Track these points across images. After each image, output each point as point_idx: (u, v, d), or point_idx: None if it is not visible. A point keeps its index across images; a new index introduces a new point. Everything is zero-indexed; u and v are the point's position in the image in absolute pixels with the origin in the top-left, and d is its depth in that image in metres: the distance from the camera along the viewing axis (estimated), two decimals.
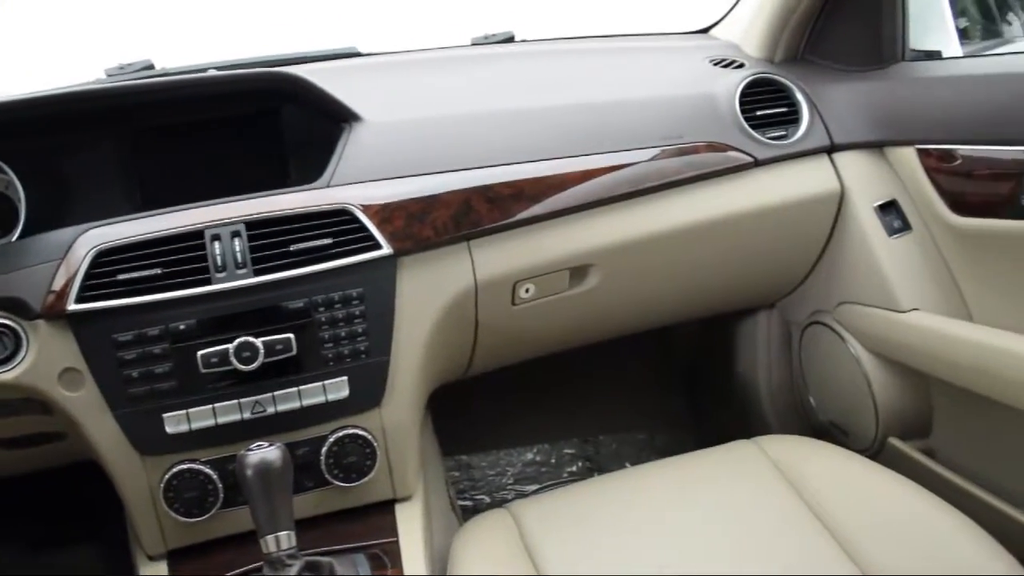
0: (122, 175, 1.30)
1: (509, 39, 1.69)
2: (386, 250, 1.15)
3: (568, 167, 1.30)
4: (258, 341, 1.09)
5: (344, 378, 1.15)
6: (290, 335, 1.11)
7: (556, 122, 1.37)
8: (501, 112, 1.37)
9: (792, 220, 1.47)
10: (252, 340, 1.09)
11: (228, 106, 1.32)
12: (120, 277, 1.07)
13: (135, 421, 1.09)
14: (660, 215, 1.36)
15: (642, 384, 2.15)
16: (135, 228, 1.11)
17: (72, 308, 1.06)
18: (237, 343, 1.09)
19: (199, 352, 1.08)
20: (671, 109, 1.43)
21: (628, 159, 1.34)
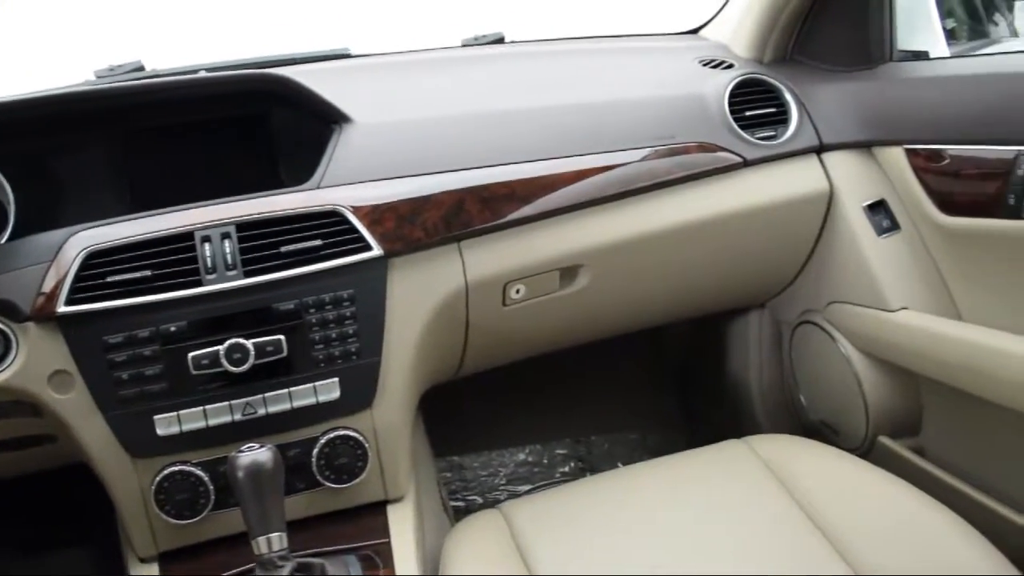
0: (112, 177, 1.29)
1: (499, 40, 1.69)
2: (376, 251, 1.15)
3: (558, 168, 1.30)
4: (249, 343, 1.09)
5: (335, 379, 1.15)
6: (281, 336, 1.11)
7: (546, 123, 1.37)
8: (491, 113, 1.37)
9: (782, 220, 1.47)
10: (243, 342, 1.09)
11: (218, 107, 1.32)
12: (110, 279, 1.07)
13: (126, 423, 1.09)
14: (650, 215, 1.36)
15: (634, 384, 2.15)
16: (125, 230, 1.11)
17: (62, 310, 1.06)
18: (228, 345, 1.08)
19: (190, 354, 1.08)
20: (661, 110, 1.43)
21: (618, 159, 1.34)
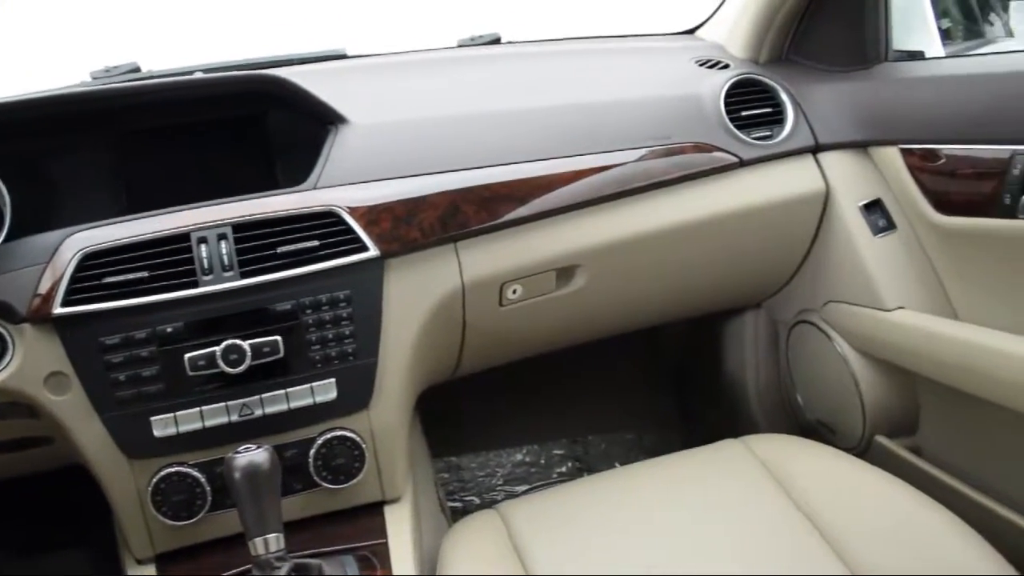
0: (108, 178, 1.29)
1: (495, 41, 1.69)
2: (373, 252, 1.15)
3: (555, 168, 1.30)
4: (245, 344, 1.09)
5: (332, 380, 1.15)
6: (277, 337, 1.11)
7: (543, 123, 1.37)
8: (487, 114, 1.37)
9: (778, 220, 1.47)
10: (239, 343, 1.09)
11: (214, 109, 1.32)
12: (106, 280, 1.07)
13: (122, 424, 1.09)
14: (646, 215, 1.36)
15: (631, 384, 2.15)
16: (121, 231, 1.11)
17: (58, 311, 1.06)
18: (224, 346, 1.08)
19: (186, 355, 1.08)
20: (657, 110, 1.43)
21: (615, 160, 1.34)
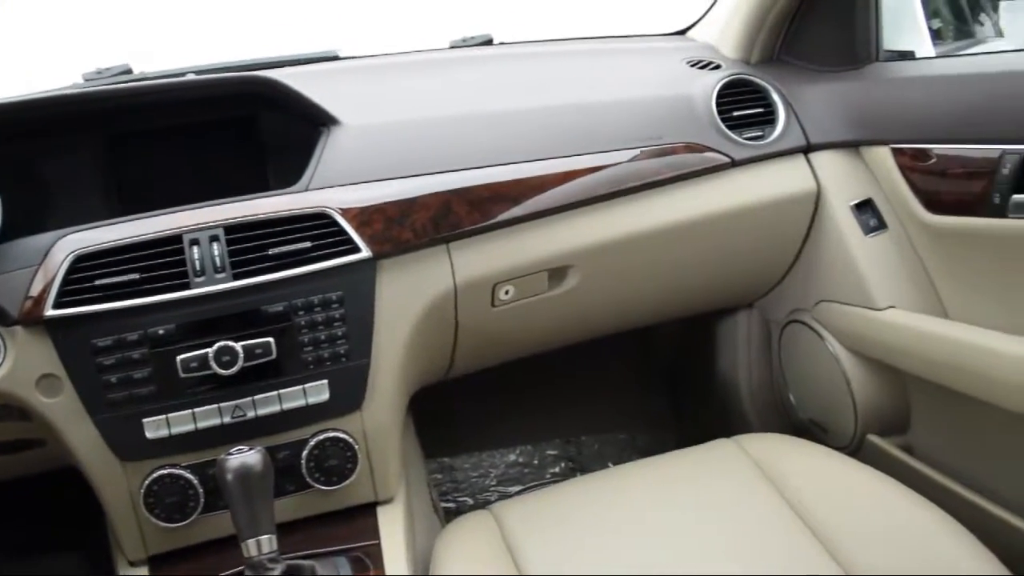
0: (100, 180, 1.29)
1: (487, 42, 1.69)
2: (365, 253, 1.15)
3: (547, 169, 1.30)
4: (238, 345, 1.09)
5: (324, 381, 1.14)
6: (270, 339, 1.11)
7: (535, 124, 1.37)
8: (480, 114, 1.37)
9: (769, 220, 1.48)
10: (232, 344, 1.09)
11: (206, 110, 1.32)
12: (98, 282, 1.07)
13: (114, 427, 1.09)
14: (638, 216, 1.36)
15: (624, 384, 2.15)
16: (113, 233, 1.10)
17: (50, 314, 1.05)
18: (216, 347, 1.08)
19: (178, 357, 1.08)
20: (649, 110, 1.43)
21: (607, 160, 1.34)
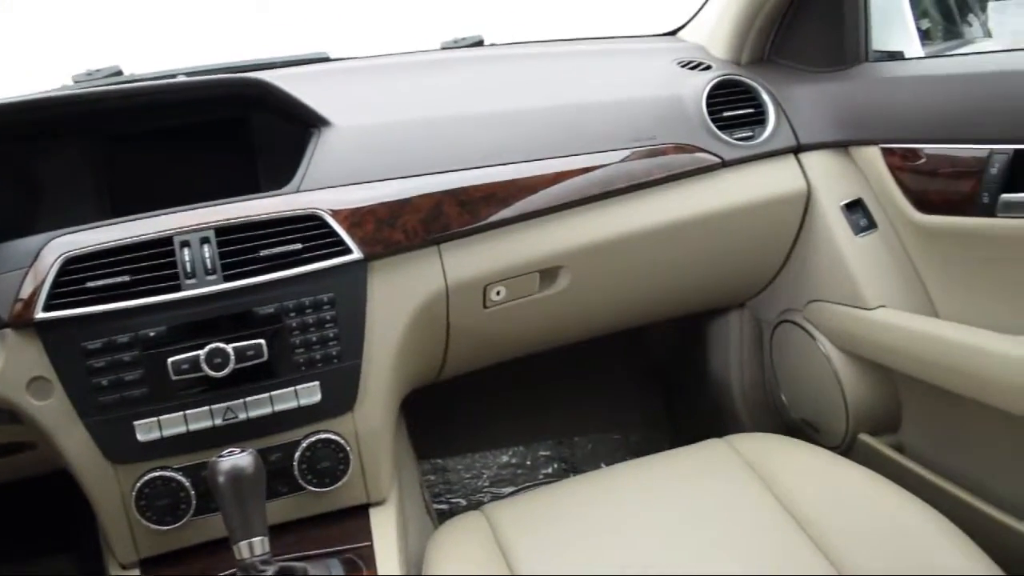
0: (90, 182, 1.29)
1: (478, 43, 1.69)
2: (356, 255, 1.15)
3: (538, 170, 1.30)
4: (229, 347, 1.09)
5: (316, 383, 1.14)
6: (261, 341, 1.11)
7: (525, 125, 1.37)
8: (471, 116, 1.37)
9: (760, 220, 1.48)
10: (223, 346, 1.09)
11: (197, 112, 1.32)
12: (89, 285, 1.07)
13: (106, 429, 1.08)
14: (629, 216, 1.37)
15: (616, 385, 2.16)
16: (103, 235, 1.10)
17: (40, 316, 1.05)
18: (208, 349, 1.08)
19: (170, 359, 1.08)
20: (640, 111, 1.43)
21: (598, 161, 1.34)
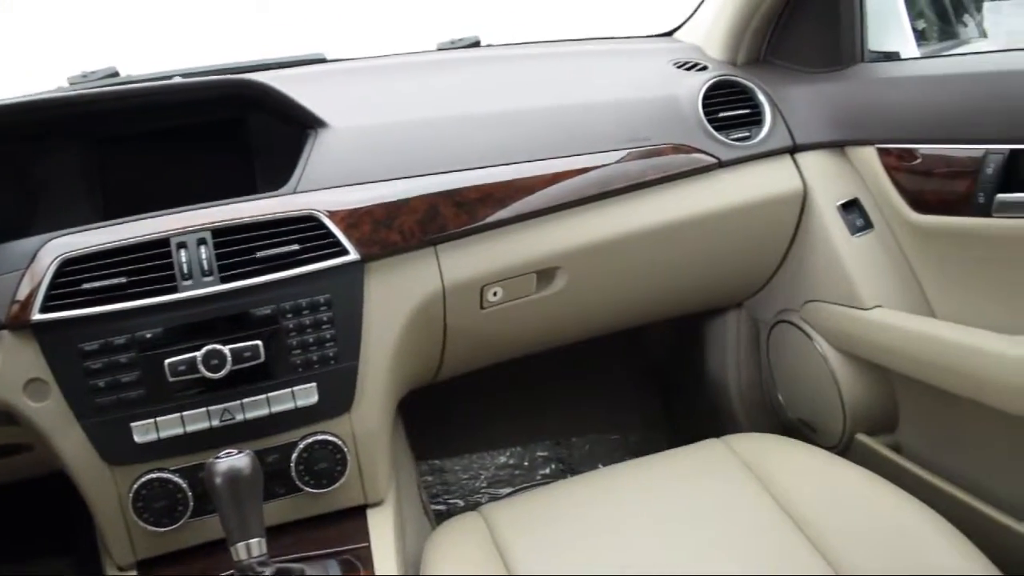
0: (87, 184, 1.29)
1: (475, 44, 1.69)
2: (353, 256, 1.15)
3: (534, 171, 1.30)
4: (226, 348, 1.09)
5: (313, 384, 1.14)
6: (258, 342, 1.11)
7: (522, 126, 1.37)
8: (467, 117, 1.37)
9: (757, 220, 1.48)
10: (220, 348, 1.08)
11: (193, 113, 1.32)
12: (85, 286, 1.07)
13: (103, 431, 1.08)
14: (626, 217, 1.37)
15: (614, 385, 2.16)
16: (100, 237, 1.10)
17: (37, 318, 1.05)
18: (205, 351, 1.08)
19: (166, 360, 1.08)
20: (636, 112, 1.44)
21: (594, 162, 1.34)
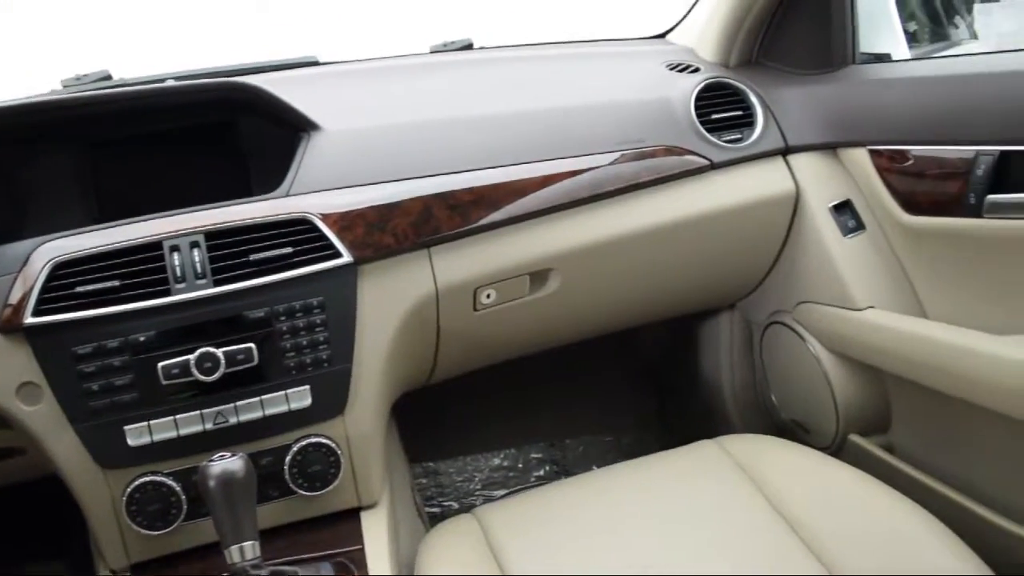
0: (80, 186, 1.28)
1: (467, 46, 1.69)
2: (346, 258, 1.15)
3: (527, 173, 1.31)
4: (219, 351, 1.09)
5: (306, 387, 1.14)
6: (251, 345, 1.11)
7: (515, 128, 1.37)
8: (460, 119, 1.37)
9: (749, 222, 1.49)
10: (213, 350, 1.08)
11: (186, 116, 1.31)
12: (78, 289, 1.06)
13: (96, 434, 1.08)
14: (618, 219, 1.37)
15: (607, 387, 2.16)
16: (93, 240, 1.10)
17: (29, 321, 1.05)
18: (198, 354, 1.08)
19: (160, 364, 1.07)
20: (629, 114, 1.44)
21: (587, 164, 1.35)
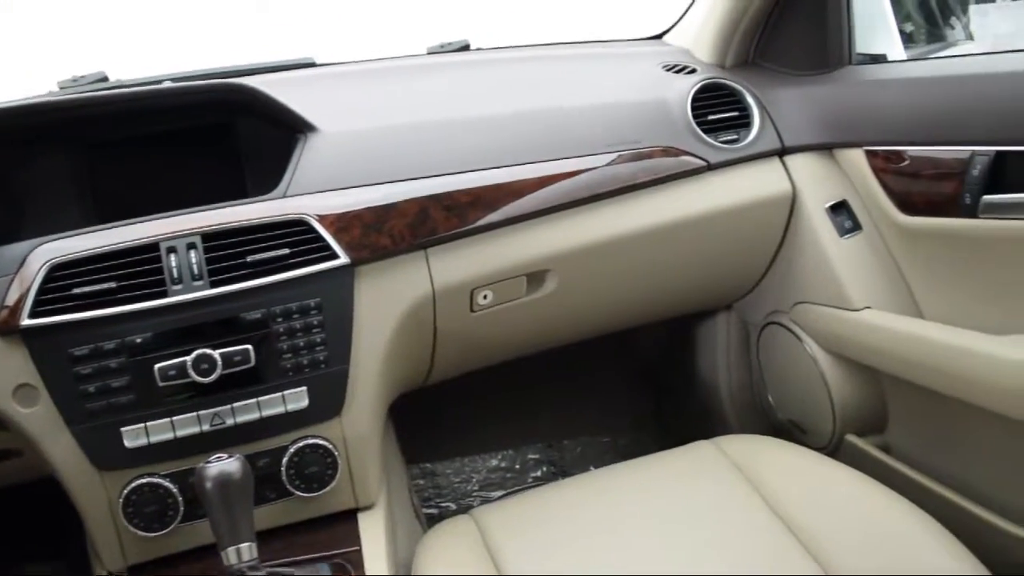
0: (76, 188, 1.28)
1: (464, 47, 1.69)
2: (343, 260, 1.15)
3: (524, 174, 1.31)
4: (216, 353, 1.09)
5: (303, 388, 1.14)
6: (248, 346, 1.11)
7: (512, 129, 1.37)
8: (457, 120, 1.38)
9: (746, 222, 1.49)
10: (210, 352, 1.08)
11: (183, 118, 1.32)
12: (75, 291, 1.06)
13: (92, 436, 1.08)
14: (615, 220, 1.37)
15: (605, 387, 2.16)
16: (89, 242, 1.10)
17: (26, 323, 1.05)
18: (195, 355, 1.08)
19: (156, 365, 1.07)
20: (625, 115, 1.44)
21: (584, 165, 1.35)
